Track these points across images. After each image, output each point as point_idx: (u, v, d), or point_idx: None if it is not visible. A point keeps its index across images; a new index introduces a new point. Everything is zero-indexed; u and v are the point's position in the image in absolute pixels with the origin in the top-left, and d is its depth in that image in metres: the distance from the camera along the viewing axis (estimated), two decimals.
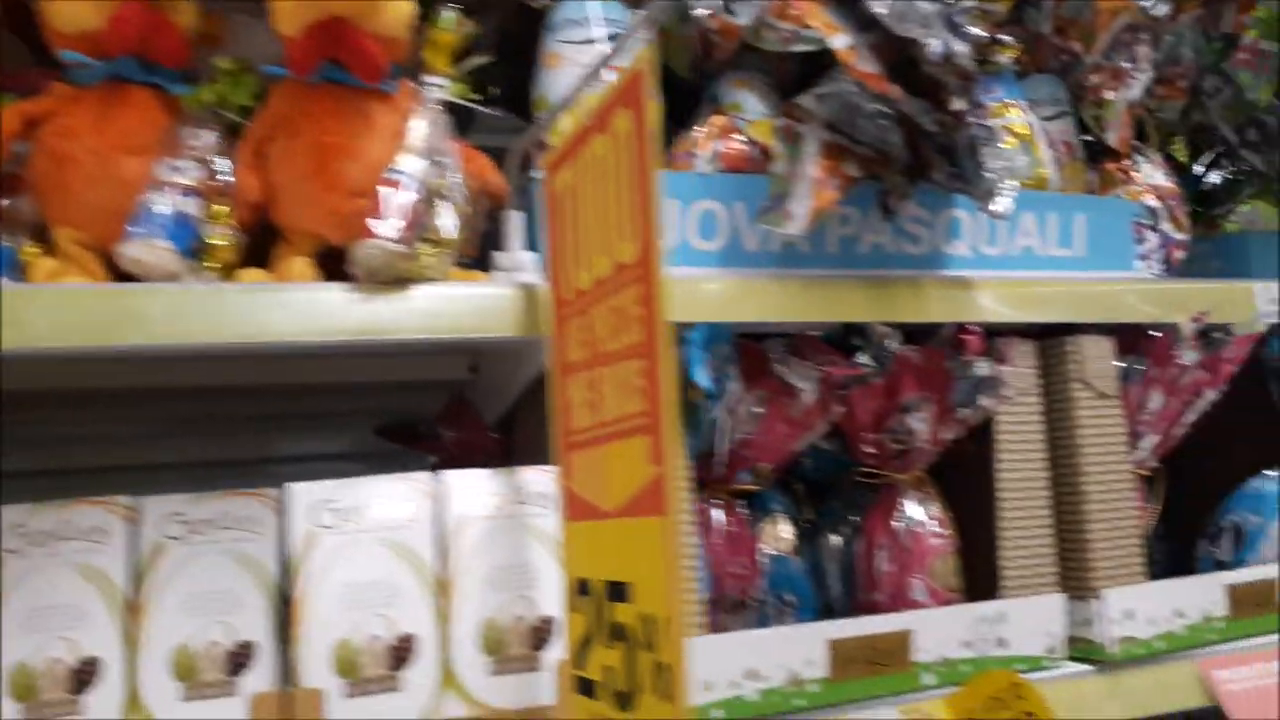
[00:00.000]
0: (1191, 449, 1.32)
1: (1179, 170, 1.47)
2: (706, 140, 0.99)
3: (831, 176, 0.91)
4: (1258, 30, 1.20)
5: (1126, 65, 1.22)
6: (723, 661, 0.88)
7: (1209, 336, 1.11)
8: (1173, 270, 1.23)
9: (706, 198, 0.95)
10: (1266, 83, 1.18)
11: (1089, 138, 1.26)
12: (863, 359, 1.02)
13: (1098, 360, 1.07)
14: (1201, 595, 1.09)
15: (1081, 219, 1.12)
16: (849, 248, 1.01)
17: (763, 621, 1.02)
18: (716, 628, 0.96)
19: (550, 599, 0.86)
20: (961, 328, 1.00)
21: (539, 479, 0.88)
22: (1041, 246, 1.10)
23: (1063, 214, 1.10)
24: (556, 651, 0.84)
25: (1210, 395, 1.10)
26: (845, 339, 1.04)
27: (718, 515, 1.00)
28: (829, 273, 0.99)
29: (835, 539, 1.09)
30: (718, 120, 1.00)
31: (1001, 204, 0.94)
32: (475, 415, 1.21)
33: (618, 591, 0.70)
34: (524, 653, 0.85)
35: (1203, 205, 1.40)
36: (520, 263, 0.90)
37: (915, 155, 0.94)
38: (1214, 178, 1.40)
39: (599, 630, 0.74)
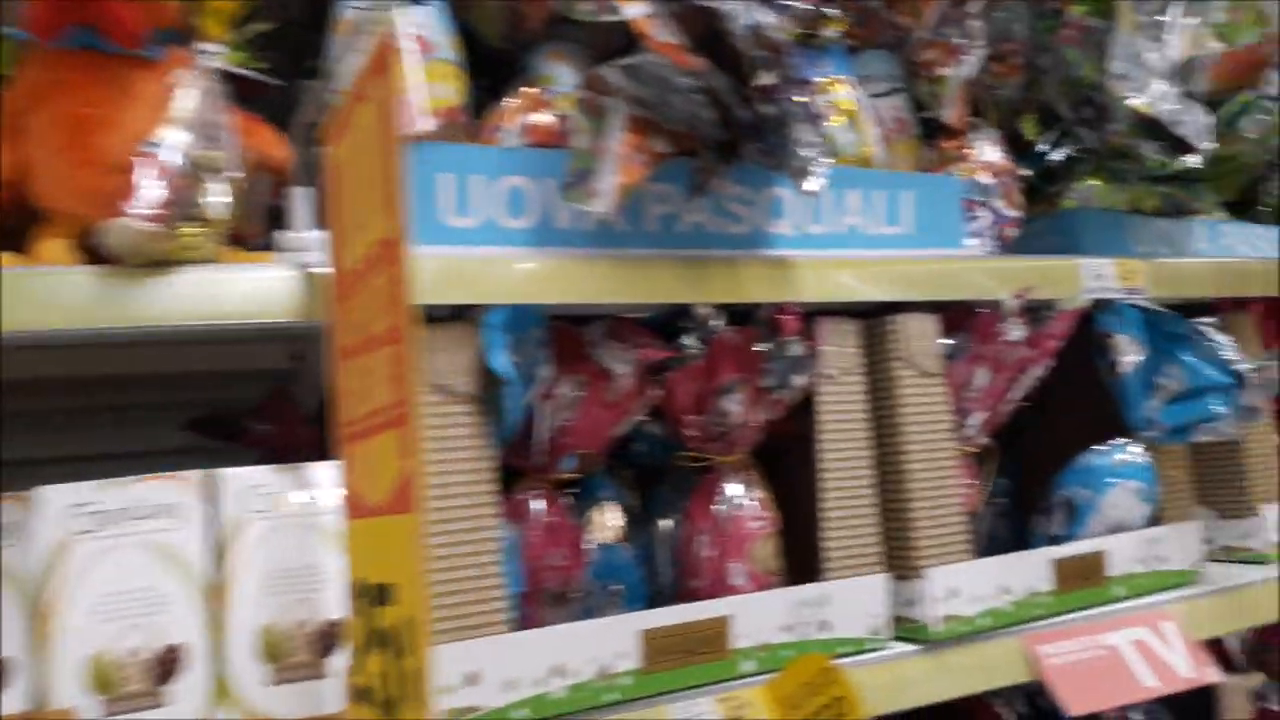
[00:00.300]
0: (1033, 424, 1.35)
1: (1025, 149, 1.49)
2: (515, 114, 0.94)
3: (638, 152, 0.88)
4: (1084, 6, 1.21)
5: (959, 41, 1.21)
6: (527, 659, 0.84)
7: (1034, 313, 1.12)
8: (1006, 247, 1.24)
9: (514, 173, 0.91)
10: (1093, 60, 1.19)
11: (929, 115, 1.26)
12: (688, 341, 1.00)
13: (921, 339, 1.06)
14: (1028, 571, 1.10)
15: (909, 196, 1.11)
16: (667, 226, 0.98)
17: (588, 614, 0.99)
18: (535, 623, 0.93)
19: (338, 602, 0.81)
20: (779, 308, 0.98)
21: (328, 475, 0.83)
22: (868, 225, 1.08)
23: (890, 191, 1.09)
24: (344, 657, 0.80)
25: (1036, 371, 1.11)
26: (673, 321, 1.02)
27: (537, 505, 0.96)
28: (646, 252, 0.96)
29: (665, 525, 1.06)
30: (528, 93, 0.96)
31: (813, 182, 0.91)
32: (295, 407, 1.15)
33: (383, 594, 0.66)
34: (308, 659, 0.80)
35: (1046, 183, 1.41)
36: (305, 243, 0.85)
37: (729, 132, 0.91)
38: (1056, 156, 1.42)
39: (371, 634, 0.69)
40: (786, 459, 1.05)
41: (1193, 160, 1.20)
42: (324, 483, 0.83)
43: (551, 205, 0.92)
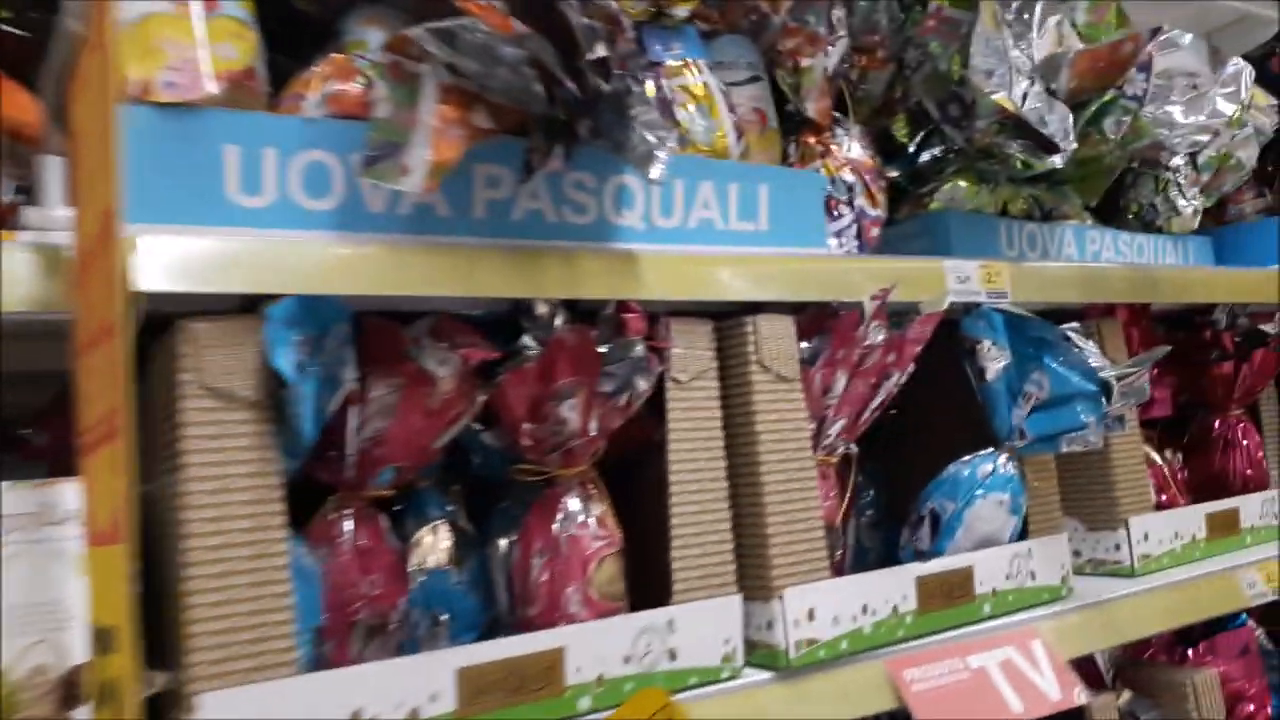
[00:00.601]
0: (905, 431, 1.29)
1: (895, 149, 1.45)
2: (319, 81, 0.83)
3: (455, 126, 0.78)
4: None
5: (821, 31, 1.15)
6: (316, 704, 0.73)
7: (897, 316, 1.06)
8: (870, 248, 1.18)
9: (315, 147, 0.80)
10: (955, 53, 1.15)
11: (791, 107, 1.20)
12: (526, 341, 0.90)
13: (777, 341, 0.99)
14: (890, 590, 1.04)
15: (766, 191, 1.04)
16: (500, 214, 0.88)
17: (411, 646, 0.88)
18: (344, 661, 0.82)
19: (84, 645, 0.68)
20: (622, 306, 0.89)
21: (74, 493, 0.70)
22: (722, 220, 1.01)
23: (745, 185, 1.02)
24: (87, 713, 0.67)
25: (898, 377, 1.05)
26: (515, 320, 0.92)
27: (347, 526, 0.85)
28: (472, 241, 0.86)
29: (503, 546, 0.96)
30: (336, 59, 0.85)
31: (657, 169, 0.83)
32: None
33: (105, 639, 0.54)
34: (47, 713, 0.67)
35: (913, 184, 1.37)
36: (53, 221, 0.72)
37: (559, 109, 0.82)
38: (925, 156, 1.37)
39: (101, 687, 0.57)
40: (640, 471, 0.96)
41: (1057, 160, 1.17)
42: (71, 502, 0.70)
43: (361, 185, 0.82)
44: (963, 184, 1.30)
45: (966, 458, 1.15)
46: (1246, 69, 1.22)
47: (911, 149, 1.39)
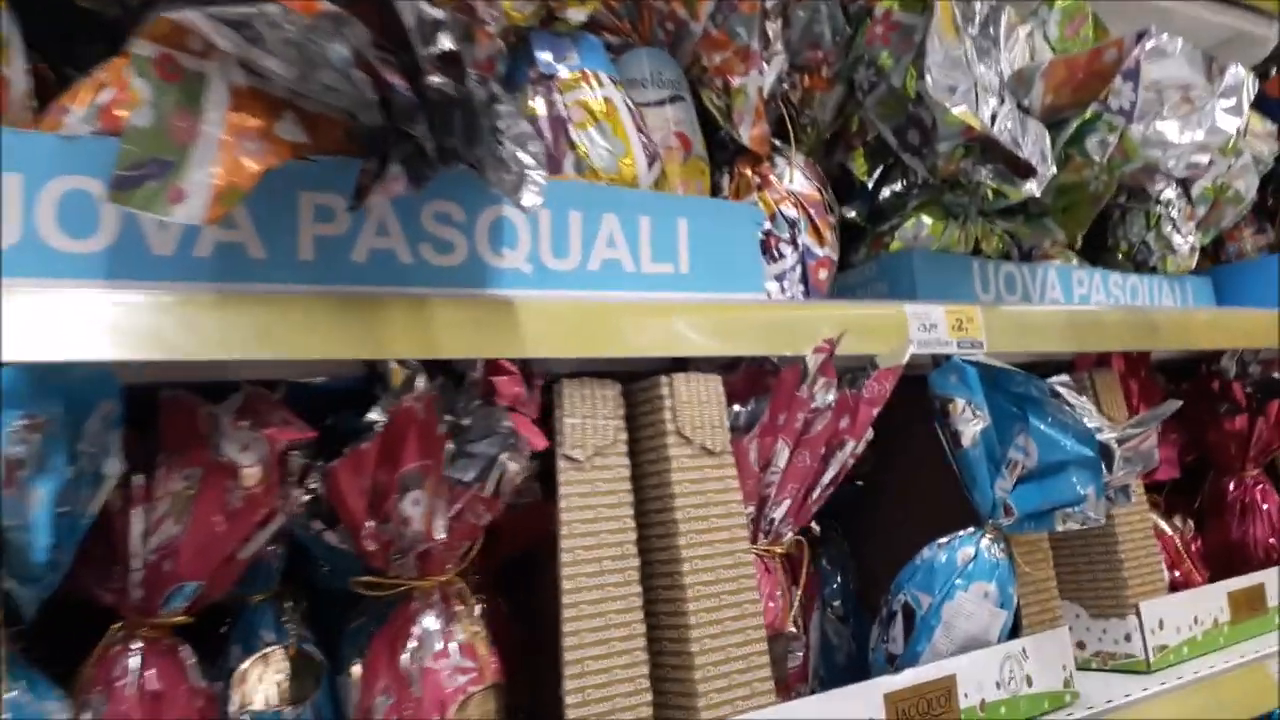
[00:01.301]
0: (875, 507, 1.10)
1: (855, 184, 1.28)
2: (89, 91, 0.65)
3: (253, 140, 0.60)
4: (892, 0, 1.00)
5: (753, 46, 0.99)
6: None
7: (850, 373, 0.88)
8: (818, 292, 1.00)
9: (76, 172, 0.62)
10: (910, 65, 0.98)
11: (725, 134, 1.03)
12: (373, 415, 0.71)
13: (700, 406, 0.80)
14: (852, 712, 0.83)
15: (686, 226, 0.86)
16: (334, 255, 0.70)
17: None
18: None
19: None
20: (492, 366, 0.71)
21: None
22: (631, 261, 0.83)
23: (660, 219, 0.84)
24: None
25: (852, 446, 0.86)
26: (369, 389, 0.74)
27: (132, 664, 0.65)
28: (298, 289, 0.68)
29: (358, 675, 0.76)
30: (117, 64, 0.67)
31: (530, 196, 0.65)
32: None
33: None
34: None
35: (873, 222, 1.19)
36: None
37: (396, 119, 0.64)
38: (885, 191, 1.20)
39: None
40: (543, 570, 0.77)
41: (1033, 187, 0.99)
42: None
43: (142, 220, 0.64)
44: (927, 219, 1.13)
45: (943, 539, 0.96)
46: (1248, 79, 1.06)
47: (870, 184, 1.22)
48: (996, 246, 1.21)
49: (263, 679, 0.73)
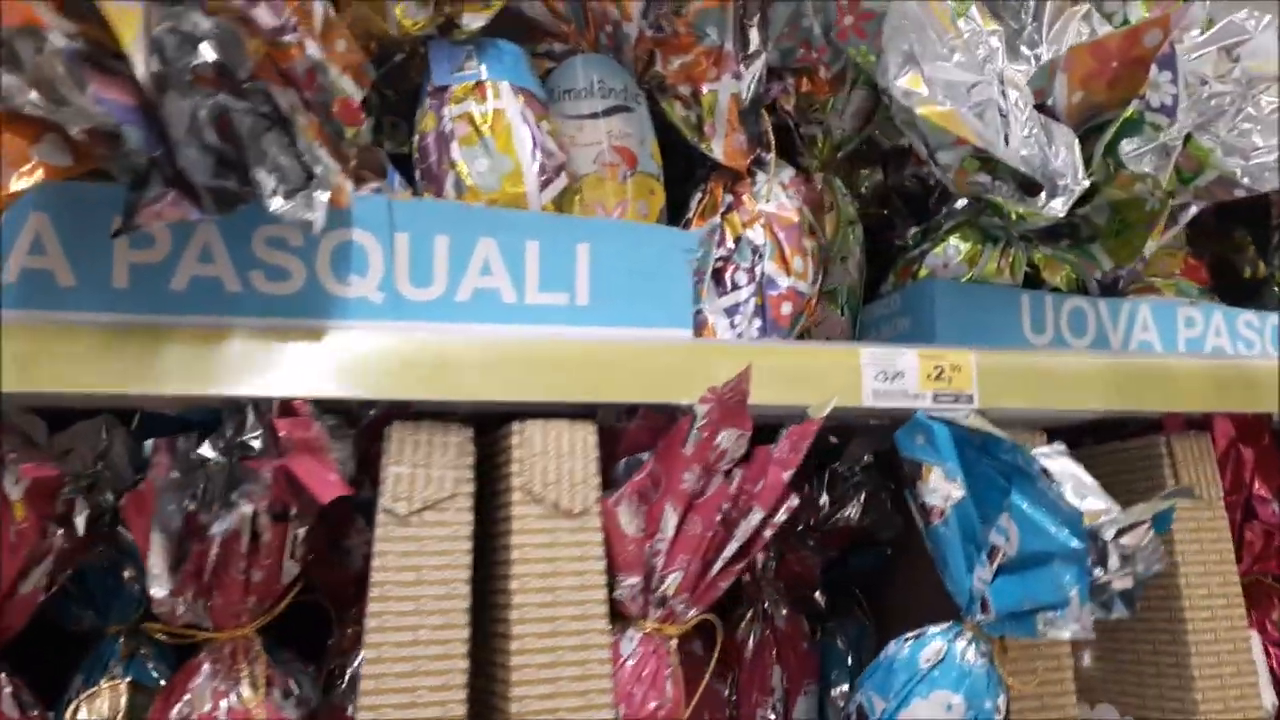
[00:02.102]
0: (896, 578, 0.95)
1: (913, 205, 1.12)
2: None
3: (9, 163, 0.58)
4: None
5: (727, 47, 0.87)
6: None
7: (775, 428, 0.74)
8: (781, 329, 0.86)
9: None
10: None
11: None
12: (204, 451, 0.67)
13: (557, 458, 0.70)
14: None
15: (586, 252, 0.76)
16: (151, 283, 0.67)
17: None
18: None
19: None
20: (284, 405, 0.65)
21: None
22: (513, 290, 0.74)
23: (551, 244, 0.75)
24: None
25: (762, 515, 0.72)
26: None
27: None
28: (104, 318, 0.65)
29: None
30: None
31: (300, 209, 0.59)
32: None
33: None
34: None
35: (909, 245, 1.03)
36: None
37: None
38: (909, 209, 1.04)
39: None
40: None
41: (1056, 208, 0.81)
42: None
43: None
44: (959, 243, 0.95)
45: (913, 633, 0.80)
46: None
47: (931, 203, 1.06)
48: (1067, 277, 1.01)
49: (91, 715, 0.71)
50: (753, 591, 0.98)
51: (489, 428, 0.74)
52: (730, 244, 0.88)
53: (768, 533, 0.74)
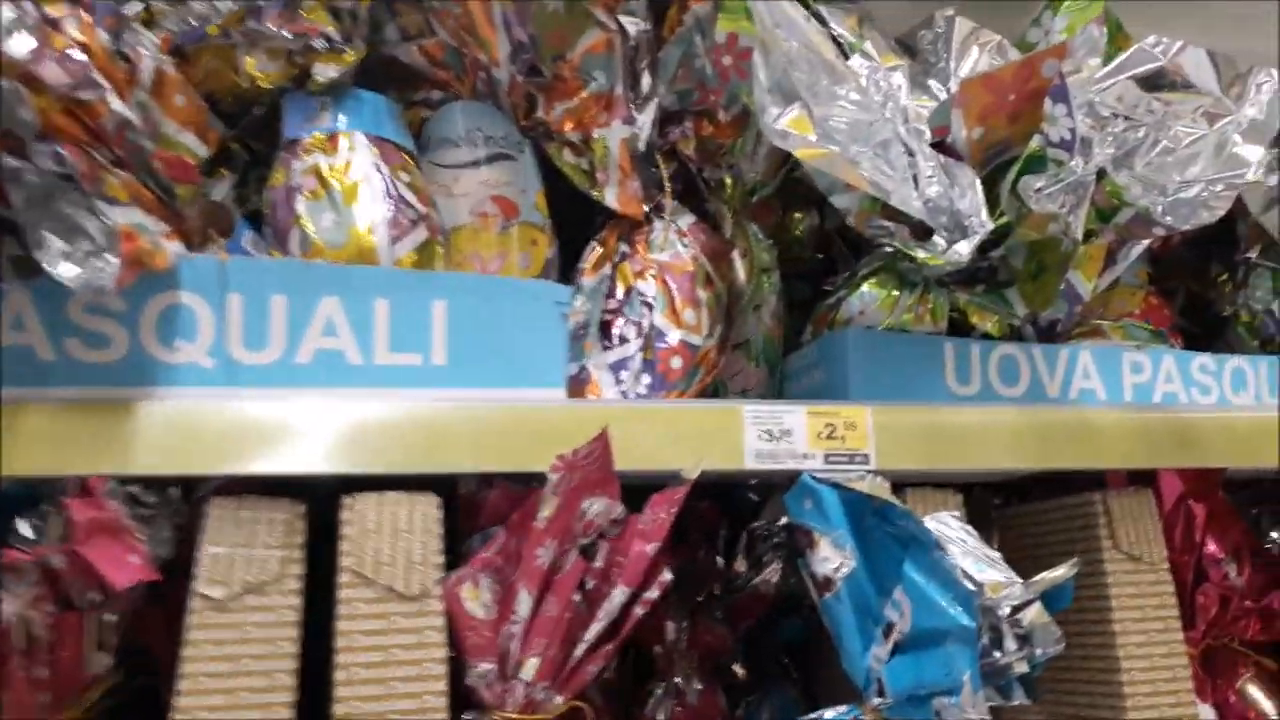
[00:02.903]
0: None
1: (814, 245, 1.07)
2: None
3: None
4: (729, 20, 0.80)
5: (618, 92, 0.83)
6: None
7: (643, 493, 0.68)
8: (664, 385, 0.81)
9: None
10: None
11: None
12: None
13: (392, 536, 0.64)
14: None
15: (441, 309, 0.71)
16: None
17: None
18: None
19: None
20: (83, 484, 0.60)
21: None
22: (360, 352, 0.69)
23: (402, 301, 0.70)
24: None
25: (625, 593, 0.66)
26: None
27: None
28: None
29: None
30: None
31: (67, 271, 0.55)
32: None
33: None
34: None
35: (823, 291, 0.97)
36: None
37: None
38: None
39: None
40: None
41: (962, 250, 0.75)
42: None
43: None
44: (872, 289, 0.89)
45: (809, 716, 0.73)
46: (1271, 80, 0.74)
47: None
48: (999, 323, 0.95)
49: None
50: (663, 664, 0.91)
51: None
52: (620, 295, 0.83)
53: (639, 610, 0.68)
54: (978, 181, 0.75)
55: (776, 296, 0.97)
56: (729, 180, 0.93)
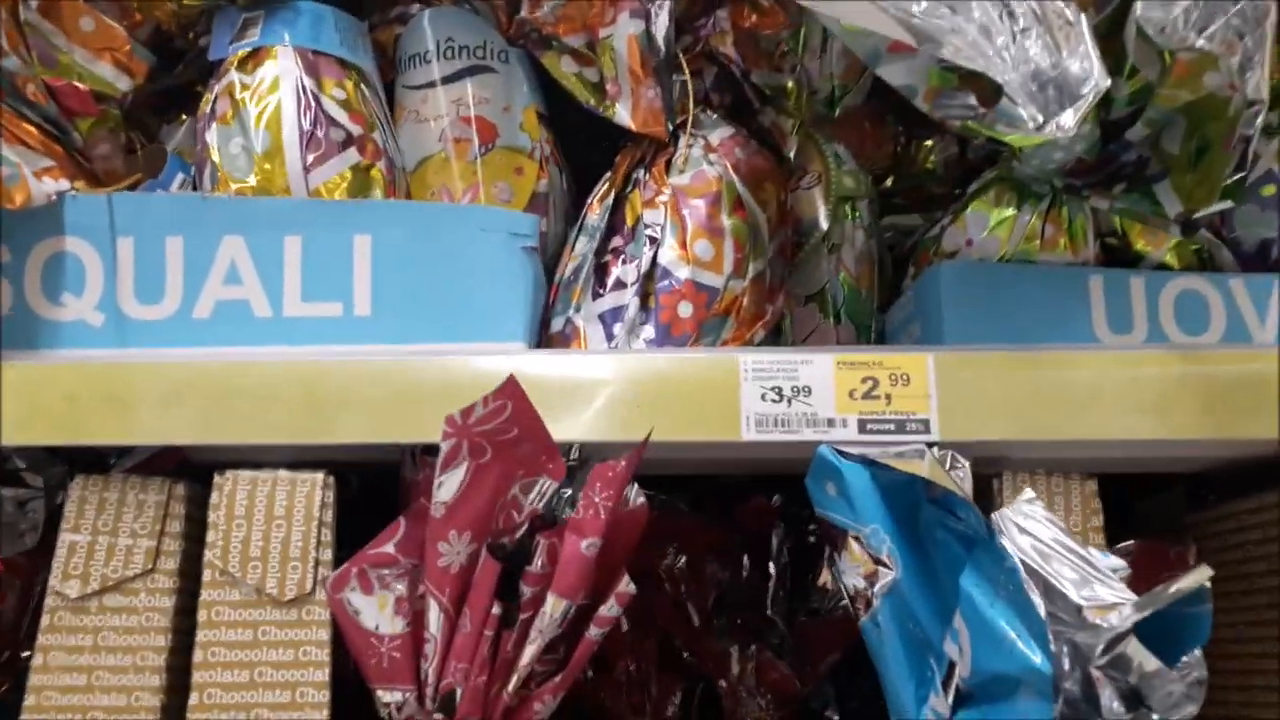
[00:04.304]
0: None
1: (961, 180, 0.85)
2: None
3: None
4: None
5: None
6: None
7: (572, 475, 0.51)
8: (687, 337, 0.62)
9: None
10: None
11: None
12: None
13: (269, 524, 0.51)
14: None
15: (365, 248, 0.58)
16: None
17: None
18: None
19: None
20: None
21: None
22: (267, 302, 0.57)
23: (317, 240, 0.57)
24: None
25: (564, 606, 0.49)
26: None
27: None
28: None
29: None
30: None
31: None
32: None
33: None
34: None
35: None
36: None
37: None
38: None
39: None
40: None
41: (1065, 122, 0.52)
42: None
43: None
44: (979, 211, 0.67)
45: None
46: None
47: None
48: (1179, 250, 0.69)
49: None
50: (730, 703, 0.73)
51: None
52: (627, 233, 0.66)
53: (594, 631, 0.51)
54: (1086, 26, 0.52)
55: (865, 233, 0.76)
56: (791, 86, 0.74)
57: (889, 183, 0.89)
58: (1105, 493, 0.58)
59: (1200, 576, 0.39)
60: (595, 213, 0.67)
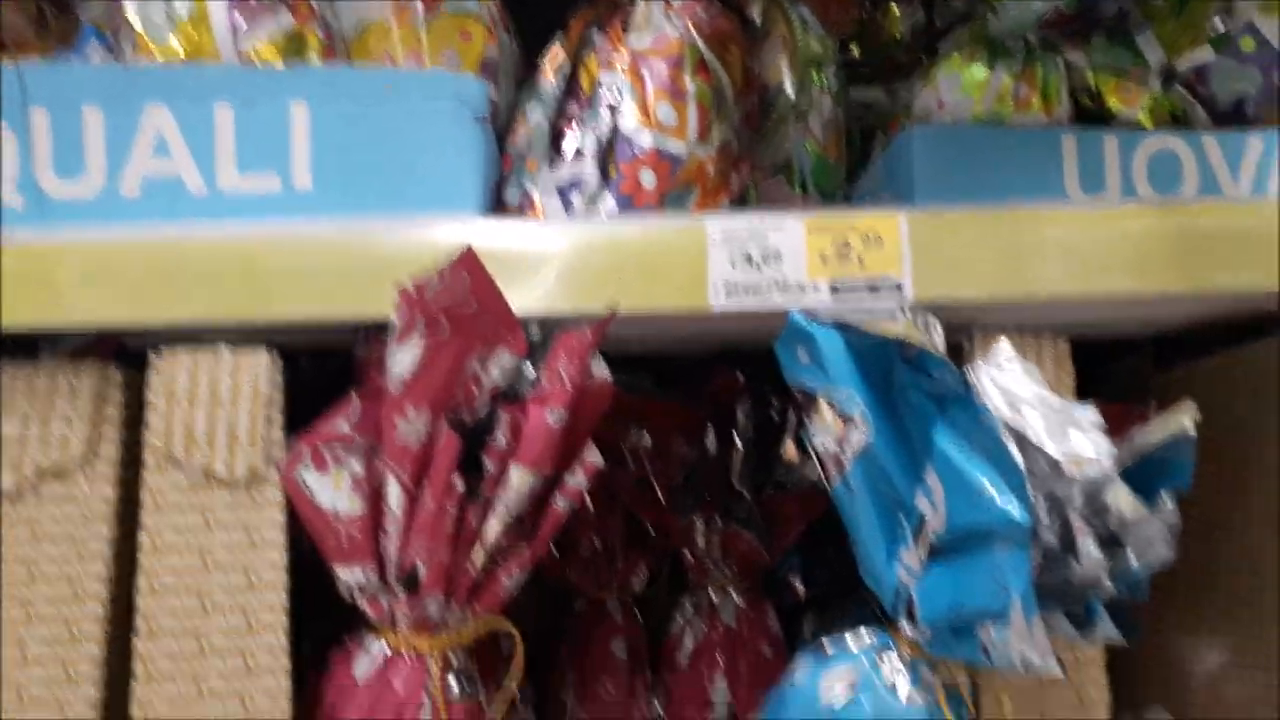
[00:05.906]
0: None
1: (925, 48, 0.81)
2: None
3: None
4: None
5: None
6: None
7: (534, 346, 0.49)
8: (631, 208, 0.59)
9: None
10: None
11: None
12: None
13: (214, 405, 0.49)
14: None
15: (302, 116, 0.54)
16: None
17: None
18: None
19: None
20: None
21: None
22: (199, 176, 0.54)
23: (248, 106, 0.54)
24: None
25: (530, 480, 0.47)
26: None
27: None
28: None
29: None
30: None
31: None
32: None
33: None
34: None
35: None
36: None
37: None
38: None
39: None
40: None
41: None
42: None
43: None
44: (951, 72, 0.64)
45: (824, 641, 0.52)
46: None
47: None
48: (1153, 108, 0.67)
49: None
50: (696, 575, 0.73)
51: None
52: (583, 99, 0.62)
53: (561, 503, 0.49)
54: None
55: (833, 100, 0.73)
56: None
57: (854, 52, 0.86)
58: (1074, 358, 0.57)
59: (1181, 422, 0.38)
60: (548, 77, 0.64)
